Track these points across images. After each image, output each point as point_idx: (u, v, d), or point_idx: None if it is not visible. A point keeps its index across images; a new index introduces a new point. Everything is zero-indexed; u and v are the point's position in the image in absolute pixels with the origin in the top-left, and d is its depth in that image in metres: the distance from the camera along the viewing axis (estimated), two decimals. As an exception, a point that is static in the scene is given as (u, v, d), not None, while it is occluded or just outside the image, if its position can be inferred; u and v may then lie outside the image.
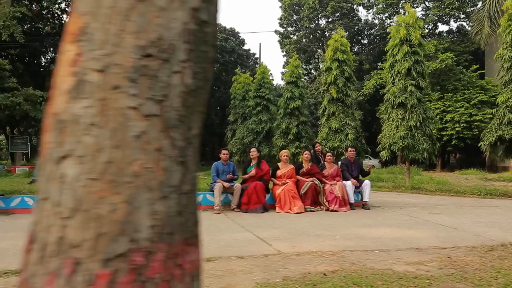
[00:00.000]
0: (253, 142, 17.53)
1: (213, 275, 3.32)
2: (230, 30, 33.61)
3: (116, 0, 0.75)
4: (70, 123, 0.75)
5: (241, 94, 19.90)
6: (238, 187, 6.99)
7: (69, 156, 0.74)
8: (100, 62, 0.75)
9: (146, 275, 0.72)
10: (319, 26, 33.34)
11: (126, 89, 0.75)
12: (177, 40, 0.79)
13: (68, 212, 0.72)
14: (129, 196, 0.73)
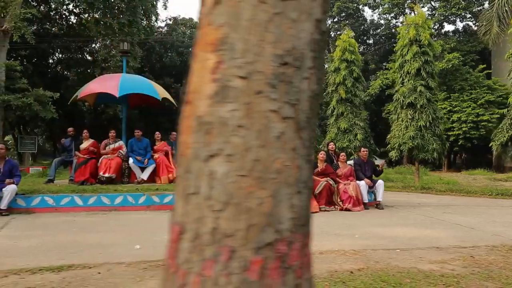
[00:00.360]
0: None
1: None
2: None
3: (255, 13, 0.82)
4: (216, 125, 0.83)
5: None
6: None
7: (217, 155, 0.82)
8: (243, 70, 0.82)
9: (288, 263, 0.80)
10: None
11: (267, 94, 0.82)
12: (306, 49, 0.86)
13: (220, 205, 0.80)
14: (273, 191, 0.81)
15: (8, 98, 15.23)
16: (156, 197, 6.92)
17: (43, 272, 3.36)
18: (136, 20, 21.73)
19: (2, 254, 3.87)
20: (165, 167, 8.83)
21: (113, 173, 8.28)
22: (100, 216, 6.19)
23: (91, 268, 3.50)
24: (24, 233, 4.88)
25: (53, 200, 6.48)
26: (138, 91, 8.96)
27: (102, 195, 6.73)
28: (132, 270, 3.45)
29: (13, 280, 3.13)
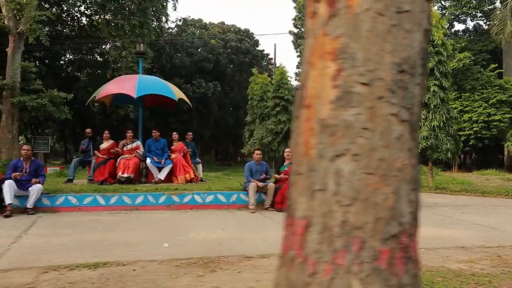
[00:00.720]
0: (272, 142, 17.64)
1: (273, 271, 3.46)
2: (245, 31, 33.76)
3: (374, 25, 0.90)
4: (341, 127, 0.90)
5: (259, 95, 20.01)
6: (272, 187, 7.13)
7: (343, 155, 0.89)
8: (365, 77, 0.90)
9: (409, 254, 0.87)
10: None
11: (388, 99, 0.90)
12: (417, 57, 0.93)
13: (348, 201, 0.87)
14: (395, 188, 0.88)
15: (23, 99, 15.45)
16: (176, 197, 7.02)
17: (80, 269, 3.46)
18: (147, 22, 21.92)
19: (37, 251, 3.98)
20: (182, 167, 8.93)
21: (131, 173, 8.38)
22: (122, 215, 6.29)
23: (125, 265, 3.59)
24: (53, 231, 4.99)
25: (76, 200, 6.60)
26: (155, 92, 9.07)
27: (123, 194, 6.84)
28: (165, 268, 3.53)
29: (54, 276, 3.23)
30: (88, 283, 3.09)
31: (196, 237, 4.81)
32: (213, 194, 7.20)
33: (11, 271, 3.36)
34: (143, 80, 9.16)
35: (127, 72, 21.59)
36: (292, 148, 1.00)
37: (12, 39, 16.29)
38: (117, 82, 9.39)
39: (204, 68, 27.65)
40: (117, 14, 21.35)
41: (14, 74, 16.11)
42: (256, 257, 3.91)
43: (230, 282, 3.13)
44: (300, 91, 1.01)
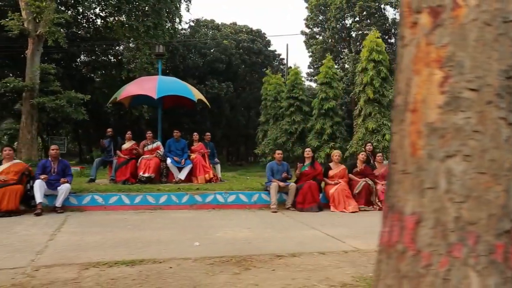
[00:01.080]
0: (286, 142, 17.72)
1: (306, 269, 3.52)
2: (257, 32, 33.86)
3: (481, 34, 0.97)
4: (451, 130, 0.98)
5: (272, 95, 20.11)
6: (293, 187, 7.20)
7: (455, 156, 0.97)
8: (473, 83, 0.97)
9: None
10: (345, 26, 33.21)
11: (497, 103, 0.97)
12: None
13: (461, 198, 0.95)
14: (506, 186, 0.96)
15: (43, 100, 15.75)
16: (198, 197, 7.12)
17: (119, 266, 3.56)
18: (161, 23, 22.13)
19: (74, 249, 4.10)
20: (201, 167, 9.04)
21: (152, 173, 8.52)
22: (147, 215, 6.41)
23: (161, 263, 3.69)
24: (85, 229, 5.13)
25: (102, 199, 6.74)
26: (175, 92, 9.20)
27: (147, 194, 6.96)
28: (200, 265, 3.62)
29: (95, 272, 3.34)
30: (129, 280, 3.19)
31: (224, 236, 4.89)
32: (234, 194, 7.29)
33: (54, 266, 3.48)
34: (163, 81, 9.30)
35: (142, 73, 21.84)
36: (395, 149, 1.07)
37: (31, 41, 16.62)
38: (137, 83, 9.54)
39: (217, 69, 27.83)
40: (132, 15, 21.57)
41: (34, 76, 16.44)
42: (287, 255, 3.98)
43: (267, 280, 3.21)
44: (402, 96, 1.08)
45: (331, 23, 31.78)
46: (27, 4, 15.95)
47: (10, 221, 5.58)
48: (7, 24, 15.72)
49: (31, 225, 5.35)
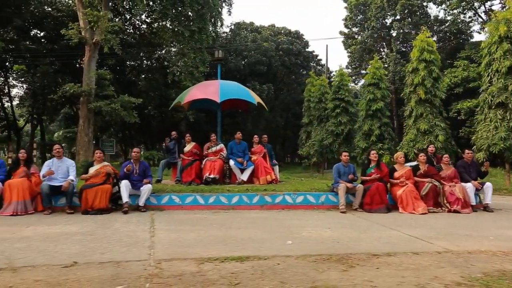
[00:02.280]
0: (333, 143, 17.73)
1: (409, 268, 3.65)
2: (295, 33, 33.94)
3: None
4: None
5: (317, 97, 20.15)
6: (361, 188, 7.30)
7: None
8: None
9: None
10: (385, 25, 32.70)
11: None
12: None
13: None
14: None
15: (99, 105, 16.56)
16: (268, 197, 7.36)
17: (230, 261, 3.82)
18: (205, 27, 22.66)
19: (179, 245, 4.41)
20: (263, 168, 9.28)
21: (217, 174, 8.84)
22: (224, 214, 6.71)
23: (266, 259, 3.92)
24: (177, 227, 5.46)
25: (179, 199, 7.11)
26: (237, 96, 9.51)
27: (220, 195, 7.27)
28: (304, 263, 3.83)
29: (212, 267, 3.61)
30: (248, 274, 3.44)
31: (311, 235, 5.08)
32: (302, 195, 7.48)
33: (172, 260, 3.78)
34: (225, 85, 9.63)
35: (186, 76, 22.48)
36: None
37: (88, 49, 17.52)
38: (200, 87, 9.93)
39: (258, 71, 28.14)
40: (176, 21, 22.19)
41: (90, 82, 17.31)
42: (382, 255, 4.11)
43: (378, 277, 3.36)
44: None
45: (371, 23, 31.41)
46: (84, 14, 16.82)
47: (104, 219, 6.02)
48: (67, 33, 16.64)
49: (125, 222, 5.75)
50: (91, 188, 6.43)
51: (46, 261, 3.68)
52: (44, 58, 21.09)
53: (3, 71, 24.12)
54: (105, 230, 5.15)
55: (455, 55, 27.57)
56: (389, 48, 32.43)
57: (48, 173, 6.51)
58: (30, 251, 4.03)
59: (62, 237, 4.67)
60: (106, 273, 3.37)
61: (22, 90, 26.63)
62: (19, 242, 4.41)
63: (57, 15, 21.40)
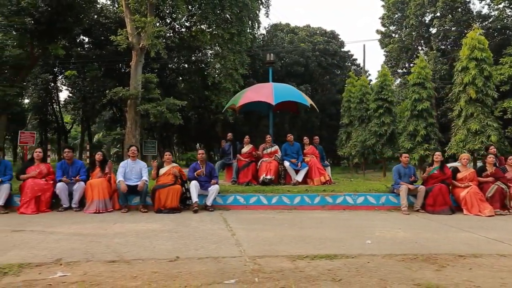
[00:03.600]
0: (376, 144, 17.57)
1: (503, 270, 3.67)
2: (331, 33, 33.76)
3: None
4: None
5: (358, 97, 20.02)
6: (423, 189, 7.28)
7: None
8: None
9: None
10: (424, 23, 31.95)
11: None
12: None
13: None
14: None
15: (146, 107, 17.16)
16: (329, 198, 7.47)
17: (319, 259, 3.97)
18: (244, 29, 23.00)
19: (264, 243, 4.60)
20: (317, 169, 9.39)
21: (273, 175, 9.03)
22: (288, 214, 6.88)
23: (353, 258, 4.05)
24: (251, 226, 5.68)
25: (243, 199, 7.35)
26: (291, 98, 9.67)
27: (282, 195, 7.45)
28: (393, 262, 3.92)
29: (305, 264, 3.77)
30: (343, 271, 3.58)
31: (384, 235, 5.16)
32: (363, 196, 7.54)
33: (264, 257, 3.98)
34: (278, 87, 9.82)
35: (226, 78, 22.88)
36: None
37: (135, 54, 18.18)
38: (254, 90, 10.16)
39: (295, 72, 28.22)
40: (216, 24, 22.62)
41: (137, 85, 17.96)
42: (468, 256, 4.14)
43: (478, 278, 3.42)
44: None
45: (410, 20, 30.77)
46: (132, 20, 17.49)
47: (179, 217, 6.33)
48: (116, 39, 17.36)
49: (200, 221, 6.02)
50: (163, 188, 6.76)
51: (150, 255, 3.97)
52: (92, 63, 22.04)
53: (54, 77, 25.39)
54: (186, 228, 5.43)
55: (500, 52, 26.57)
56: (429, 46, 31.67)
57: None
58: (131, 246, 4.34)
59: (152, 234, 4.98)
60: (211, 267, 3.61)
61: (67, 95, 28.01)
62: (115, 237, 4.74)
63: (105, 21, 22.30)
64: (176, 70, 28.98)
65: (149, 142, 23.68)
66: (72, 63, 23.50)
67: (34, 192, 6.49)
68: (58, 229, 5.23)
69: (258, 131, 30.48)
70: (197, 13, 23.23)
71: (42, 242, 4.43)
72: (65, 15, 16.09)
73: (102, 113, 30.00)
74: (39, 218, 6.10)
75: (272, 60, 11.01)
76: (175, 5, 19.55)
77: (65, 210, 6.74)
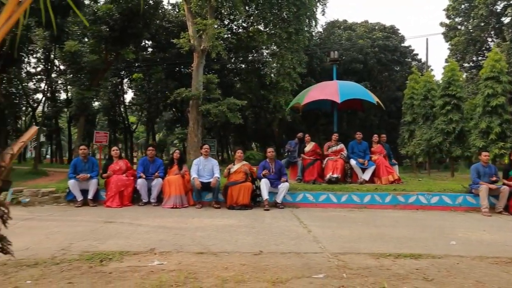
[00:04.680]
0: (443, 143, 16.71)
1: None
2: (390, 28, 32.59)
3: None
4: None
5: (422, 94, 19.15)
6: (506, 190, 6.85)
7: None
8: None
9: None
10: (495, 12, 29.81)
11: None
12: None
13: None
14: None
15: (208, 107, 17.71)
16: (401, 197, 7.27)
17: (404, 258, 3.89)
18: (302, 28, 22.90)
19: (342, 240, 4.60)
20: (385, 168, 9.15)
21: (339, 173, 8.94)
22: (359, 213, 6.79)
23: (439, 258, 3.92)
24: (323, 223, 5.69)
25: (312, 197, 7.38)
26: (357, 96, 9.51)
27: (352, 193, 7.37)
28: (485, 264, 3.75)
29: (390, 262, 3.72)
30: (433, 271, 3.49)
31: (469, 237, 4.94)
32: (437, 196, 7.24)
33: (346, 254, 3.98)
34: (343, 85, 9.70)
35: (284, 78, 22.93)
36: None
37: (196, 55, 18.81)
38: (319, 88, 10.12)
39: (353, 69, 27.62)
40: (273, 23, 22.73)
41: (199, 86, 18.58)
42: None
43: None
44: None
45: (479, 10, 28.87)
46: (194, 23, 18.12)
47: (251, 214, 6.49)
48: (178, 42, 18.08)
49: (273, 218, 6.13)
50: (234, 185, 6.97)
51: (234, 248, 4.13)
52: (157, 66, 23.15)
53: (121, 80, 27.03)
54: (262, 224, 5.56)
55: None
56: (500, 37, 29.51)
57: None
58: (213, 239, 4.54)
59: (230, 229, 5.16)
60: (295, 262, 3.68)
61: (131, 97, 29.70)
62: (197, 231, 4.98)
63: (168, 26, 23.33)
64: (234, 70, 29.55)
65: (209, 142, 24.38)
66: (137, 67, 24.84)
67: (118, 187, 6.99)
68: (144, 221, 5.60)
69: (316, 130, 30.26)
70: (255, 14, 23.52)
71: (133, 233, 4.77)
72: (135, 22, 17.09)
73: (163, 114, 31.44)
74: (124, 211, 6.57)
75: (336, 57, 10.89)
76: (234, 7, 19.96)
77: (145, 205, 7.19)
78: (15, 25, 1.88)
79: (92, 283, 2.97)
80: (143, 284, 2.95)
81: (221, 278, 3.11)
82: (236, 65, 30.16)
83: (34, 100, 26.28)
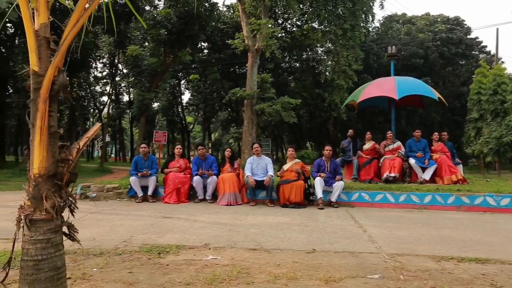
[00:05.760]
0: (515, 141, 15.46)
1: None
2: (455, 19, 30.69)
3: None
4: None
5: (491, 88, 17.85)
6: None
7: None
8: None
9: None
10: None
11: None
12: None
13: None
14: None
15: (262, 106, 17.83)
16: (465, 198, 6.82)
17: (468, 262, 3.65)
18: (358, 23, 22.27)
19: (400, 241, 4.40)
20: (447, 167, 8.65)
21: (397, 172, 8.58)
22: (419, 213, 6.47)
23: (510, 264, 3.62)
24: (379, 223, 5.49)
25: (368, 196, 7.16)
26: (416, 92, 9.08)
27: (411, 193, 7.05)
28: None
29: (453, 266, 3.50)
30: (502, 277, 3.22)
31: (546, 243, 4.52)
32: (508, 197, 6.70)
33: (404, 256, 3.80)
34: (402, 81, 9.29)
35: (339, 75, 22.47)
36: None
37: (251, 55, 19.00)
38: (376, 85, 9.79)
39: (412, 64, 26.38)
40: (327, 20, 22.34)
41: (253, 85, 18.76)
42: None
43: None
44: None
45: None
46: (248, 23, 18.32)
47: (305, 212, 6.45)
48: (233, 42, 18.39)
49: (328, 216, 6.04)
50: (286, 184, 6.96)
51: (287, 246, 4.11)
52: (212, 67, 23.77)
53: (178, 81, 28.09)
54: (316, 223, 5.50)
55: None
56: None
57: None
58: (267, 236, 4.57)
59: (284, 227, 5.16)
60: (349, 261, 3.59)
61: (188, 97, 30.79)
62: (251, 228, 5.04)
63: (222, 27, 23.85)
64: (288, 69, 29.49)
65: (263, 141, 24.57)
66: (194, 68, 25.67)
67: (175, 185, 7.27)
68: (199, 217, 5.78)
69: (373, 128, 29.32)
70: (309, 11, 23.29)
71: (190, 228, 4.94)
72: (192, 24, 17.72)
73: (218, 114, 32.21)
74: (181, 207, 6.82)
75: (394, 53, 10.45)
76: (288, 5, 19.90)
77: (200, 201, 7.42)
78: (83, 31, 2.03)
79: (150, 273, 3.12)
80: (197, 276, 3.04)
81: (273, 274, 3.12)
82: (290, 64, 30.07)
83: (100, 103, 28.17)
